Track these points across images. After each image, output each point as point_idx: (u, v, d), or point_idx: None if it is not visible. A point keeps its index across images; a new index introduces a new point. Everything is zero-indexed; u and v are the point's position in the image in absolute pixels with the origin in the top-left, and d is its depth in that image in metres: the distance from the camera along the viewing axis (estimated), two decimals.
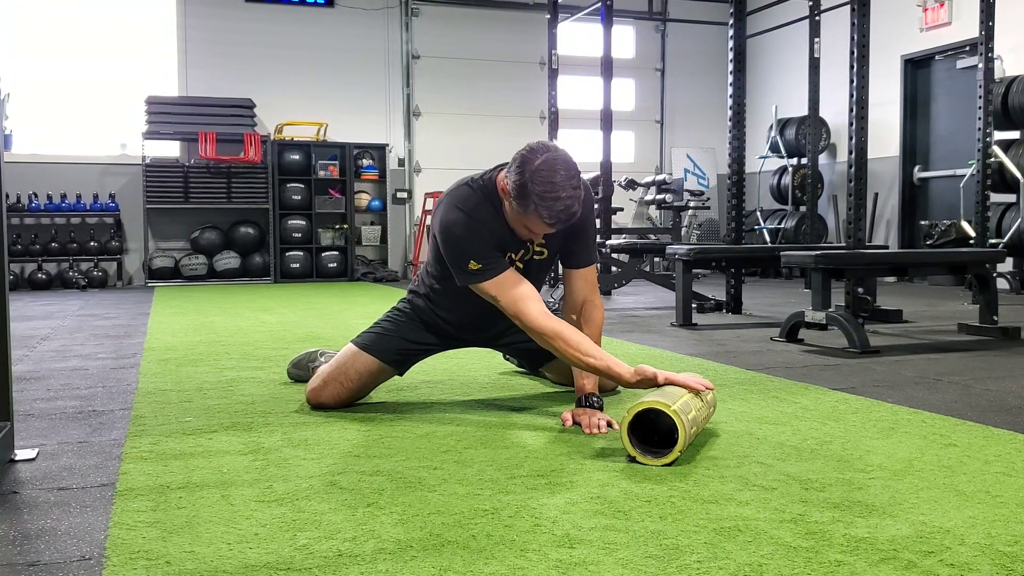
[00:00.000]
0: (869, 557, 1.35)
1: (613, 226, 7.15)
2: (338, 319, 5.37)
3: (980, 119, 5.04)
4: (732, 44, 5.35)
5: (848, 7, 4.42)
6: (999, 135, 7.35)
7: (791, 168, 9.88)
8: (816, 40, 6.05)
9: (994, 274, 4.44)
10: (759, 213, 10.00)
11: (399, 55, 10.46)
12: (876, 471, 1.84)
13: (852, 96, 4.17)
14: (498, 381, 3.01)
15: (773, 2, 7.08)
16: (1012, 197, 7.27)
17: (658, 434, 1.95)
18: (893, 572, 1.30)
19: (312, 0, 10.07)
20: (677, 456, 1.88)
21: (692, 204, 9.55)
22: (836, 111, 8.69)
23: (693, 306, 5.01)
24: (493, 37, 10.66)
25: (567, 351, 2.23)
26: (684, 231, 9.91)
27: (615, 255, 6.68)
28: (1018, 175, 7.04)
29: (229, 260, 9.48)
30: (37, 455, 2.03)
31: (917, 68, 9.11)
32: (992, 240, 6.77)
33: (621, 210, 9.13)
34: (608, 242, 6.47)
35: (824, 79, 6.17)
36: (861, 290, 4.57)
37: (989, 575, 1.29)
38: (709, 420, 2.25)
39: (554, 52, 6.96)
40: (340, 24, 10.17)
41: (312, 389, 2.57)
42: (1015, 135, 7.43)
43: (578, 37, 10.00)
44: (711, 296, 5.80)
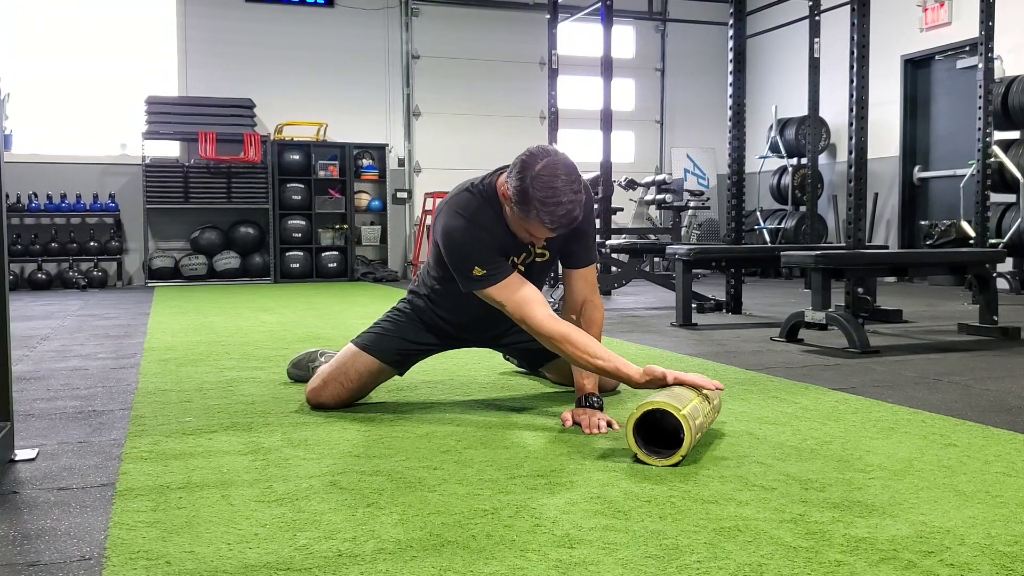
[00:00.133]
0: (869, 557, 1.35)
1: (613, 226, 7.15)
2: (338, 319, 5.37)
3: (980, 119, 5.04)
4: (732, 44, 5.35)
5: (848, 7, 4.42)
6: (999, 135, 7.35)
7: (791, 168, 9.88)
8: (816, 40, 6.05)
9: (994, 274, 4.44)
10: (759, 213, 10.00)
11: (399, 55, 10.46)
12: (876, 471, 1.84)
13: (852, 96, 4.17)
14: (498, 381, 3.01)
15: (773, 2, 7.08)
16: (1012, 197, 7.27)
17: (663, 433, 1.95)
18: (893, 572, 1.30)
19: (312, 0, 10.08)
20: (679, 459, 1.88)
21: (692, 204, 9.55)
22: (836, 111, 8.68)
23: (693, 306, 5.01)
24: (493, 37, 10.66)
25: (575, 354, 2.22)
26: (684, 231, 9.91)
27: (615, 255, 6.68)
28: (1018, 175, 7.04)
29: (229, 260, 9.48)
30: (37, 455, 2.03)
31: (917, 68, 9.11)
32: (992, 240, 6.77)
33: (621, 210, 9.14)
34: (608, 242, 6.46)
35: (824, 79, 6.17)
36: (861, 290, 4.57)
37: (989, 575, 1.29)
38: (714, 422, 2.25)
39: (554, 52, 6.96)
40: (340, 24, 10.17)
41: (312, 389, 2.57)
42: (1015, 135, 7.43)
43: (578, 37, 10.00)
44: (711, 296, 5.80)
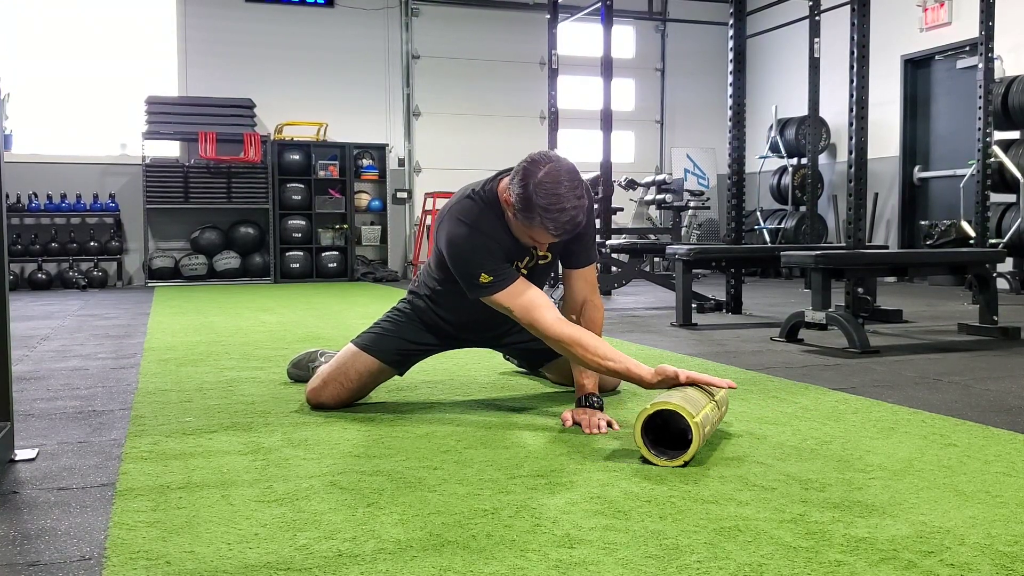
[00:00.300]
0: (869, 557, 1.35)
1: (613, 226, 7.15)
2: (338, 319, 5.37)
3: (980, 119, 5.04)
4: (732, 44, 5.35)
5: (848, 7, 4.42)
6: (999, 135, 7.35)
7: (791, 168, 9.88)
8: (816, 40, 6.05)
9: (994, 274, 4.44)
10: (759, 213, 10.00)
11: (399, 55, 10.46)
12: (876, 471, 1.84)
13: (852, 96, 4.17)
14: (498, 381, 3.01)
15: (773, 2, 7.08)
16: (1012, 197, 7.27)
17: (669, 432, 1.94)
18: (893, 572, 1.30)
19: (312, 0, 10.08)
20: (683, 463, 1.87)
21: (692, 204, 9.55)
22: (836, 111, 8.69)
23: (693, 306, 5.01)
24: (493, 37, 10.66)
25: (586, 356, 2.21)
26: (684, 231, 9.91)
27: (615, 255, 6.68)
28: (1018, 175, 7.04)
29: (229, 260, 9.48)
30: (37, 455, 2.03)
31: (917, 68, 9.11)
32: (992, 240, 6.77)
33: (621, 210, 9.14)
34: (608, 242, 6.46)
35: (824, 79, 6.17)
36: (861, 290, 4.57)
37: (989, 575, 1.29)
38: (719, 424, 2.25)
39: (554, 52, 6.96)
40: (340, 24, 10.17)
41: (312, 389, 2.57)
42: (1015, 135, 7.43)
43: (578, 37, 10.00)
44: (711, 296, 5.80)
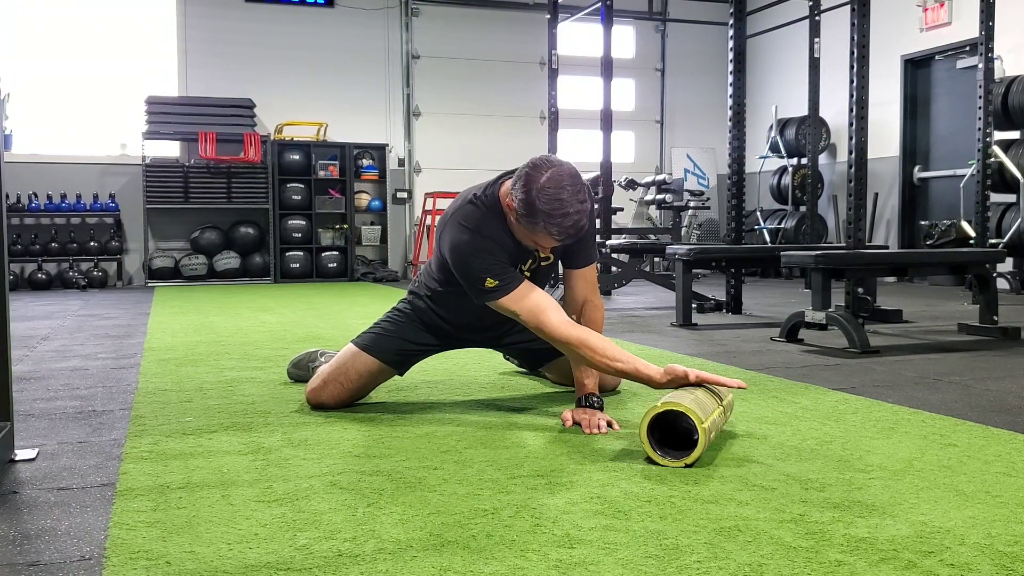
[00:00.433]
0: (869, 557, 1.35)
1: (613, 226, 7.15)
2: (338, 319, 5.37)
3: (980, 119, 5.04)
4: (732, 44, 5.35)
5: (848, 7, 4.42)
6: (999, 135, 7.35)
7: (791, 168, 9.88)
8: (816, 40, 6.05)
9: (994, 274, 4.44)
10: (759, 213, 10.00)
11: (399, 55, 10.46)
12: (876, 471, 1.84)
13: (852, 96, 4.17)
14: (498, 381, 3.01)
15: (773, 2, 7.08)
16: (1012, 197, 7.27)
17: (674, 431, 1.94)
18: (893, 572, 1.30)
19: (312, 0, 10.08)
20: (684, 464, 1.87)
21: (692, 204, 9.55)
22: (836, 111, 8.70)
23: (693, 306, 5.01)
24: (493, 37, 10.66)
25: (594, 358, 2.21)
26: (684, 231, 9.91)
27: (615, 255, 6.68)
28: (1018, 175, 7.04)
29: (229, 260, 9.48)
30: (37, 455, 2.03)
31: (917, 68, 9.11)
32: (992, 240, 6.77)
33: (621, 210, 9.13)
34: (608, 242, 6.46)
35: (824, 79, 6.17)
36: (861, 290, 4.57)
37: (989, 575, 1.29)
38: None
39: (554, 52, 6.96)
40: (340, 24, 10.17)
41: (312, 389, 2.57)
42: (1015, 135, 7.43)
43: (578, 37, 10.00)
44: (711, 296, 5.80)
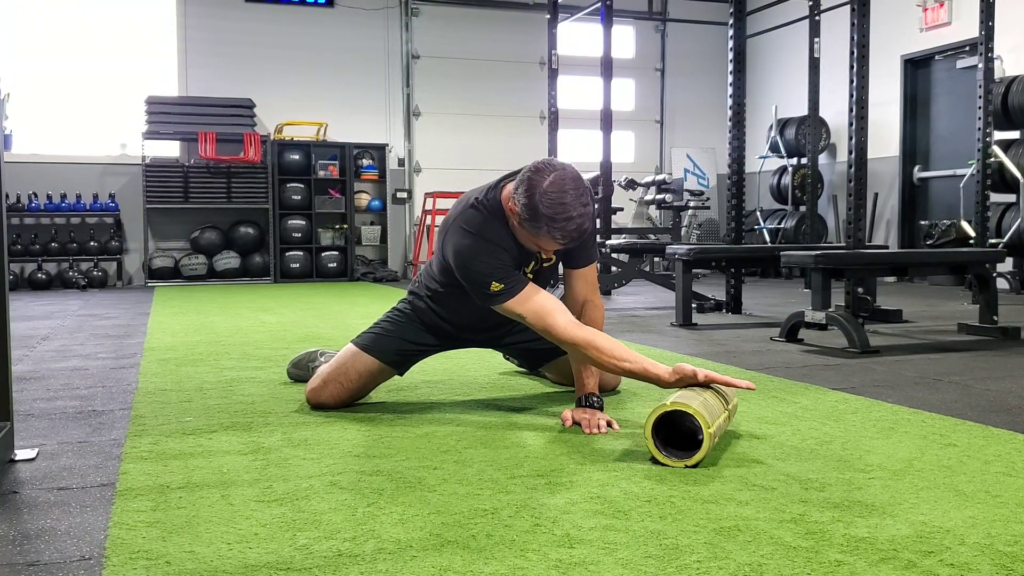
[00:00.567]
0: (869, 557, 1.35)
1: (613, 226, 7.15)
2: (338, 319, 5.37)
3: (980, 119, 5.04)
4: (732, 44, 5.35)
5: (848, 7, 4.42)
6: (999, 135, 7.35)
7: (791, 168, 9.87)
8: (816, 40, 6.05)
9: (994, 274, 4.44)
10: (759, 213, 10.00)
11: (399, 55, 10.46)
12: (876, 471, 1.84)
13: (852, 96, 4.17)
14: (498, 381, 3.01)
15: (773, 2, 7.08)
16: (1012, 197, 7.27)
17: (677, 430, 1.93)
18: (893, 572, 1.30)
19: (312, 0, 10.08)
20: (685, 465, 1.87)
21: (692, 204, 9.55)
22: (836, 111, 8.70)
23: (693, 306, 5.01)
24: (493, 37, 10.66)
25: (601, 359, 2.20)
26: (684, 231, 9.91)
27: (615, 255, 6.68)
28: (1018, 175, 7.04)
29: (229, 260, 9.48)
30: (37, 455, 2.02)
31: (917, 68, 9.11)
32: (992, 240, 6.78)
33: (621, 210, 9.13)
34: (608, 242, 6.46)
35: (824, 79, 6.17)
36: (861, 290, 4.57)
37: (989, 575, 1.29)
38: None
39: (554, 52, 6.96)
40: (340, 24, 10.17)
41: (312, 389, 2.57)
42: (1015, 135, 7.43)
43: (578, 37, 10.00)
44: (711, 296, 5.80)
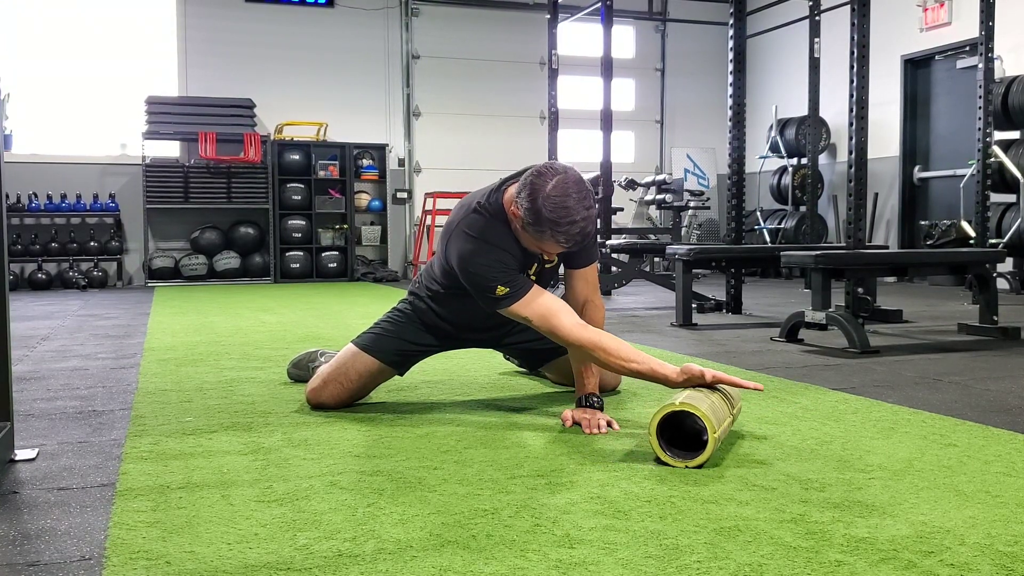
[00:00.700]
0: (869, 557, 1.35)
1: (613, 226, 7.15)
2: (338, 319, 5.37)
3: (980, 119, 5.04)
4: (732, 44, 5.35)
5: (848, 7, 4.42)
6: (999, 135, 7.35)
7: (791, 168, 9.88)
8: (816, 40, 6.05)
9: (994, 274, 4.44)
10: (759, 213, 10.00)
11: (399, 55, 10.46)
12: (876, 471, 1.84)
13: (852, 96, 4.17)
14: (498, 381, 3.01)
15: (773, 2, 7.08)
16: (1012, 197, 7.27)
17: (681, 429, 1.93)
18: (893, 572, 1.30)
19: (312, 0, 10.08)
20: (685, 466, 1.86)
21: (692, 204, 9.55)
22: (836, 111, 8.70)
23: (693, 306, 5.01)
24: (493, 37, 10.66)
25: (608, 359, 2.19)
26: (684, 231, 9.91)
27: (615, 255, 6.68)
28: (1018, 175, 7.04)
29: (229, 260, 9.48)
30: (37, 455, 2.02)
31: (917, 68, 9.11)
32: (992, 240, 6.77)
33: (621, 210, 9.14)
34: (608, 242, 6.47)
35: (824, 79, 6.17)
36: (861, 290, 4.57)
37: (989, 575, 1.29)
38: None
39: (554, 52, 6.96)
40: (340, 24, 10.17)
41: (312, 389, 2.57)
42: (1015, 135, 7.43)
43: (578, 37, 10.00)
44: (711, 296, 5.80)
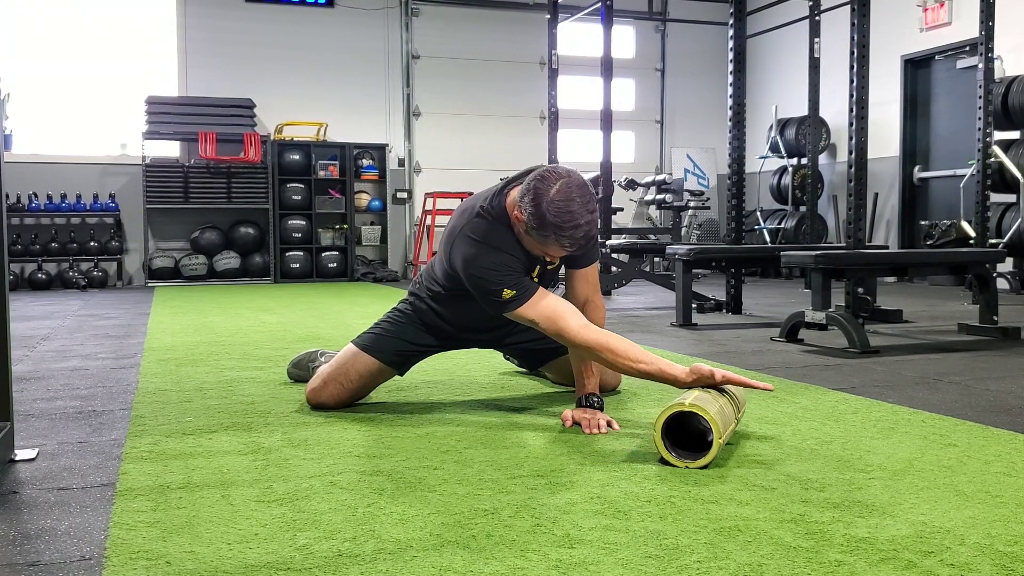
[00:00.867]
0: (869, 557, 1.35)
1: (613, 226, 7.15)
2: (338, 319, 5.37)
3: (980, 119, 5.04)
4: (732, 44, 5.35)
5: (848, 7, 4.42)
6: (999, 135, 7.34)
7: (791, 168, 9.87)
8: (816, 40, 6.05)
9: (994, 274, 4.44)
10: (759, 213, 10.00)
11: (399, 55, 10.46)
12: (876, 471, 1.84)
13: (852, 96, 4.17)
14: (498, 381, 3.01)
15: (773, 2, 7.08)
16: (1012, 197, 7.27)
17: (685, 429, 1.93)
18: (893, 572, 1.30)
19: (312, 0, 10.08)
20: (685, 467, 1.86)
21: (692, 204, 9.55)
22: (836, 111, 8.70)
23: (693, 306, 5.01)
24: (493, 37, 10.66)
25: (616, 360, 2.19)
26: (684, 231, 9.91)
27: (615, 255, 6.68)
28: (1018, 175, 7.04)
29: (229, 260, 9.48)
30: (37, 455, 2.02)
31: (917, 68, 9.11)
32: (992, 240, 6.77)
33: (621, 210, 9.13)
34: (608, 242, 6.47)
35: (824, 79, 6.17)
36: (861, 290, 4.57)
37: (989, 575, 1.29)
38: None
39: (554, 52, 6.96)
40: (340, 24, 10.17)
41: (312, 389, 2.57)
42: (1015, 135, 7.43)
43: (578, 37, 10.00)
44: (711, 296, 5.80)
